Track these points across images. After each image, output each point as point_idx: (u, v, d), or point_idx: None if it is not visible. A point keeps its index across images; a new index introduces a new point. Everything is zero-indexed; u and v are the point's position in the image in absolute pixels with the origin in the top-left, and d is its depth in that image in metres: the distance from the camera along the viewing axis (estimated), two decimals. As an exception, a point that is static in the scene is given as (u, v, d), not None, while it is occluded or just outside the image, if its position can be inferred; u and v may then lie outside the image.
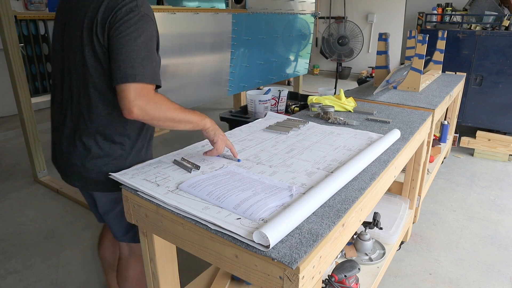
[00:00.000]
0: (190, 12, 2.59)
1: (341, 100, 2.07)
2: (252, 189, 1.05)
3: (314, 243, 0.85)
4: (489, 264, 2.05)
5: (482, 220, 2.47)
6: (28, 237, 2.30)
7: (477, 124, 3.72)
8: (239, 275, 0.90)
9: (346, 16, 6.90)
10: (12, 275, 1.97)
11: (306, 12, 3.91)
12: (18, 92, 2.73)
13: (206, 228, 0.91)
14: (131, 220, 1.14)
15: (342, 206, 1.02)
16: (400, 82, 2.61)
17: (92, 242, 2.25)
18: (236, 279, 1.51)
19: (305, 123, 1.74)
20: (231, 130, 1.65)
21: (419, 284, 1.90)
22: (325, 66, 7.74)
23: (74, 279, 1.94)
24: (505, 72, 3.48)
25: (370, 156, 1.31)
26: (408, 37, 2.78)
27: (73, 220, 2.49)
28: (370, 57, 6.91)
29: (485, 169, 3.24)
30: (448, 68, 3.53)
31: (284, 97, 2.80)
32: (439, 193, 2.82)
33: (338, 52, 5.50)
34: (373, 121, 1.82)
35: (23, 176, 3.12)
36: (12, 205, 2.67)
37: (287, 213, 0.90)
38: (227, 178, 1.13)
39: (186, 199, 1.02)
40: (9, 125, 4.36)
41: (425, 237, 2.28)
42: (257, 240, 0.83)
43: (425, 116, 1.92)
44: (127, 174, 1.16)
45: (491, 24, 3.64)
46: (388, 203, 2.09)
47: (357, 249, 1.79)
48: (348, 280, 1.47)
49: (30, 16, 2.84)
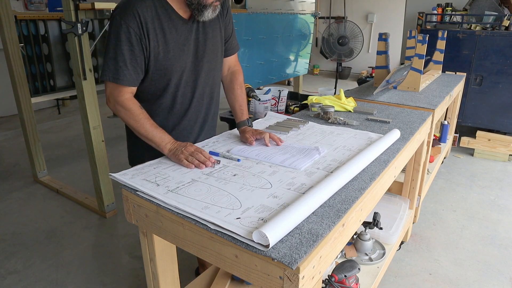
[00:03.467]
0: (190, 12, 2.59)
1: (341, 100, 2.06)
2: (289, 153, 1.35)
3: (314, 243, 0.85)
4: (489, 264, 2.05)
5: (482, 220, 2.47)
6: (28, 237, 2.30)
7: (477, 124, 3.72)
8: (239, 275, 0.90)
9: (346, 16, 6.90)
10: (12, 275, 1.97)
11: (306, 12, 3.91)
12: (18, 92, 2.73)
13: (206, 228, 0.91)
14: (131, 220, 1.14)
15: (342, 206, 1.02)
16: (400, 82, 2.61)
17: (92, 242, 2.25)
18: (236, 279, 1.51)
19: (305, 123, 1.74)
20: (231, 130, 1.65)
21: (419, 284, 1.90)
22: (325, 66, 7.74)
23: (74, 279, 1.94)
24: (505, 72, 3.48)
25: (370, 156, 1.31)
26: (408, 37, 2.78)
27: (73, 220, 2.49)
28: (370, 57, 6.91)
29: (485, 169, 3.24)
30: (448, 68, 3.53)
31: (284, 97, 2.80)
32: (439, 193, 2.82)
33: (338, 52, 5.49)
34: (373, 121, 1.82)
35: (23, 176, 3.12)
36: (12, 205, 2.67)
37: (287, 213, 0.90)
38: (265, 147, 1.41)
39: (186, 199, 1.02)
40: (9, 125, 4.36)
41: (425, 237, 2.28)
42: (257, 239, 0.83)
43: (425, 116, 1.92)
44: (127, 174, 1.16)
45: (491, 24, 3.64)
46: (388, 203, 2.09)
47: (357, 249, 1.79)
48: (348, 280, 1.47)
49: (30, 16, 2.83)
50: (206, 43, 1.37)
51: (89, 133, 2.30)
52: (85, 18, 2.08)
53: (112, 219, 2.50)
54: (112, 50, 1.20)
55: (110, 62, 1.21)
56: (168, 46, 1.26)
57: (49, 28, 2.87)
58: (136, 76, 1.25)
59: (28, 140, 2.88)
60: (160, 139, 1.25)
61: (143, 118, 1.25)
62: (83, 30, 2.07)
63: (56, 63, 2.99)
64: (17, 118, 3.34)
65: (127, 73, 1.22)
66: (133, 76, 1.24)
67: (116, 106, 1.26)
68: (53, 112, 4.96)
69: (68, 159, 3.51)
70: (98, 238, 2.30)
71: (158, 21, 1.23)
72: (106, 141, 2.43)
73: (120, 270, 2.01)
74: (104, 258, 2.10)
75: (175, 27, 1.27)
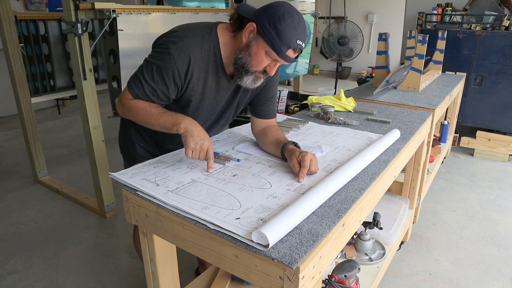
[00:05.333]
0: (190, 12, 2.59)
1: (341, 100, 2.06)
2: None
3: (314, 243, 0.85)
4: (489, 264, 2.05)
5: (482, 220, 2.47)
6: (28, 237, 2.30)
7: (477, 124, 3.72)
8: (239, 275, 0.90)
9: (346, 16, 6.90)
10: (12, 275, 1.97)
11: (306, 12, 3.91)
12: (18, 92, 2.73)
13: (206, 228, 0.91)
14: (131, 220, 1.14)
15: (342, 206, 1.02)
16: (400, 82, 2.61)
17: (92, 242, 2.25)
18: (236, 279, 1.51)
19: (305, 123, 1.74)
20: (230, 129, 1.65)
21: (419, 284, 1.90)
22: (325, 66, 7.74)
23: (74, 279, 1.94)
24: (505, 72, 3.48)
25: (369, 156, 1.31)
26: (408, 37, 2.78)
27: (73, 220, 2.49)
28: (370, 57, 6.91)
29: (485, 169, 3.24)
30: (448, 68, 3.53)
31: (284, 97, 2.80)
32: (439, 193, 2.82)
33: (338, 52, 5.50)
34: (373, 121, 1.82)
35: (23, 176, 3.12)
36: (12, 205, 2.67)
37: (286, 213, 0.90)
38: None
39: (186, 199, 1.02)
40: (9, 125, 4.36)
41: (425, 237, 2.28)
42: (256, 239, 0.83)
43: (425, 116, 1.92)
44: (126, 174, 1.16)
45: (491, 24, 3.64)
46: (388, 203, 2.09)
47: (357, 249, 1.79)
48: (348, 280, 1.47)
49: (30, 16, 2.83)
50: (236, 101, 1.38)
51: (89, 133, 2.30)
52: (85, 18, 2.08)
53: (112, 219, 2.50)
54: (145, 66, 1.19)
55: (138, 72, 1.21)
56: (204, 97, 1.27)
57: (49, 28, 2.87)
58: (145, 99, 1.21)
59: (28, 140, 2.88)
60: (172, 121, 1.17)
61: (149, 108, 1.20)
62: (83, 30, 2.07)
63: (56, 63, 2.99)
64: (17, 118, 3.34)
65: (141, 90, 1.19)
66: (143, 96, 1.21)
67: (122, 108, 1.24)
68: (53, 112, 4.95)
69: (68, 159, 3.51)
70: (98, 238, 2.30)
71: (205, 74, 1.21)
72: (106, 141, 2.43)
73: (120, 270, 2.01)
74: (104, 258, 2.10)
75: (217, 84, 1.26)
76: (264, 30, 1.11)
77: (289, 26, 1.09)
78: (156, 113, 1.19)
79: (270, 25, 1.10)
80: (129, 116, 1.25)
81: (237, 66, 1.19)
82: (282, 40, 1.10)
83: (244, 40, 1.16)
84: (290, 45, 1.11)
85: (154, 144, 1.45)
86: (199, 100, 1.26)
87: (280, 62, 1.18)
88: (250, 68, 1.17)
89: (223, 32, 1.22)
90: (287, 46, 1.11)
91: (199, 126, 1.18)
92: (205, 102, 1.29)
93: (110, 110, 2.57)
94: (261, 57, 1.15)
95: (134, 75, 1.21)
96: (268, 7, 1.13)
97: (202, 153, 1.16)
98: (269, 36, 1.11)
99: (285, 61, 1.16)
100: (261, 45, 1.13)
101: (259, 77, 1.22)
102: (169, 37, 1.18)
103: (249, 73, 1.18)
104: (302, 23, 1.13)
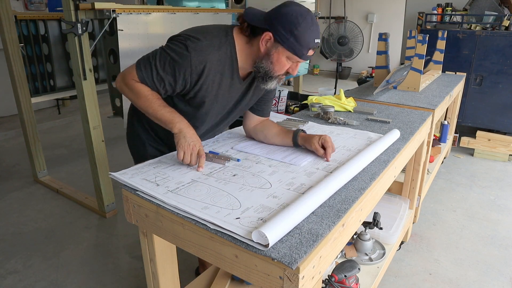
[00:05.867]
0: (190, 12, 2.59)
1: (341, 100, 2.06)
2: (290, 149, 1.41)
3: (314, 243, 0.85)
4: (489, 264, 2.05)
5: (482, 220, 2.47)
6: (28, 237, 2.30)
7: (477, 124, 3.72)
8: (239, 275, 0.90)
9: (346, 16, 6.90)
10: (12, 275, 1.97)
11: (306, 12, 3.90)
12: (18, 92, 2.73)
13: (206, 228, 0.91)
14: (131, 220, 1.14)
15: (342, 206, 1.02)
16: (400, 82, 2.61)
17: (92, 242, 2.25)
18: (236, 279, 1.51)
19: (305, 123, 1.74)
20: (231, 129, 1.65)
21: (419, 284, 1.90)
22: (325, 66, 7.74)
23: (74, 279, 1.94)
24: (505, 72, 3.48)
25: (369, 156, 1.31)
26: (408, 37, 2.78)
27: (73, 220, 2.48)
28: (370, 57, 6.91)
29: (485, 169, 3.24)
30: (448, 68, 3.53)
31: (284, 97, 2.80)
32: (439, 193, 2.82)
33: (338, 52, 5.50)
34: (373, 121, 1.82)
35: (23, 176, 3.12)
36: (12, 205, 2.67)
37: (286, 213, 0.90)
38: (267, 145, 1.46)
39: (186, 199, 1.02)
40: (9, 125, 4.36)
41: (425, 237, 2.28)
42: (256, 239, 0.83)
43: (425, 116, 1.92)
44: (126, 174, 1.16)
45: (491, 24, 3.64)
46: (388, 203, 2.09)
47: (357, 249, 1.79)
48: (348, 280, 1.47)
49: (30, 16, 2.82)
50: (246, 101, 1.40)
51: (89, 133, 2.30)
52: (85, 18, 2.08)
53: (112, 219, 2.50)
54: (160, 54, 1.18)
55: (150, 57, 1.19)
56: (217, 98, 1.29)
57: (49, 28, 2.87)
58: (150, 84, 1.21)
59: (28, 140, 2.88)
60: (169, 118, 1.20)
61: (151, 97, 1.21)
62: (83, 30, 2.07)
63: (56, 63, 2.99)
64: (17, 118, 3.34)
65: (149, 75, 1.19)
66: (149, 81, 1.20)
67: (123, 86, 1.23)
68: (53, 112, 4.95)
69: (68, 159, 3.51)
70: (98, 238, 2.30)
71: (220, 76, 1.23)
72: (106, 141, 2.43)
73: (120, 270, 2.01)
74: (104, 258, 2.10)
75: (230, 86, 1.28)
76: (282, 38, 1.13)
77: (305, 29, 1.12)
78: (156, 105, 1.21)
79: (287, 32, 1.12)
80: (127, 95, 1.25)
81: (260, 74, 1.22)
82: (302, 44, 1.13)
83: (263, 49, 1.18)
84: (310, 46, 1.15)
85: (163, 142, 1.46)
86: (212, 101, 1.29)
87: (301, 62, 1.23)
88: (274, 74, 1.21)
89: (238, 36, 1.23)
90: (307, 48, 1.15)
91: (193, 130, 1.23)
92: (218, 103, 1.31)
93: (110, 110, 2.57)
94: (283, 63, 1.19)
95: (146, 58, 1.20)
96: (279, 14, 1.14)
97: (193, 154, 1.20)
98: (288, 43, 1.13)
99: (305, 60, 1.21)
100: (281, 52, 1.16)
101: (282, 78, 1.27)
102: (188, 35, 1.18)
103: (273, 78, 1.22)
104: (314, 21, 1.16)
